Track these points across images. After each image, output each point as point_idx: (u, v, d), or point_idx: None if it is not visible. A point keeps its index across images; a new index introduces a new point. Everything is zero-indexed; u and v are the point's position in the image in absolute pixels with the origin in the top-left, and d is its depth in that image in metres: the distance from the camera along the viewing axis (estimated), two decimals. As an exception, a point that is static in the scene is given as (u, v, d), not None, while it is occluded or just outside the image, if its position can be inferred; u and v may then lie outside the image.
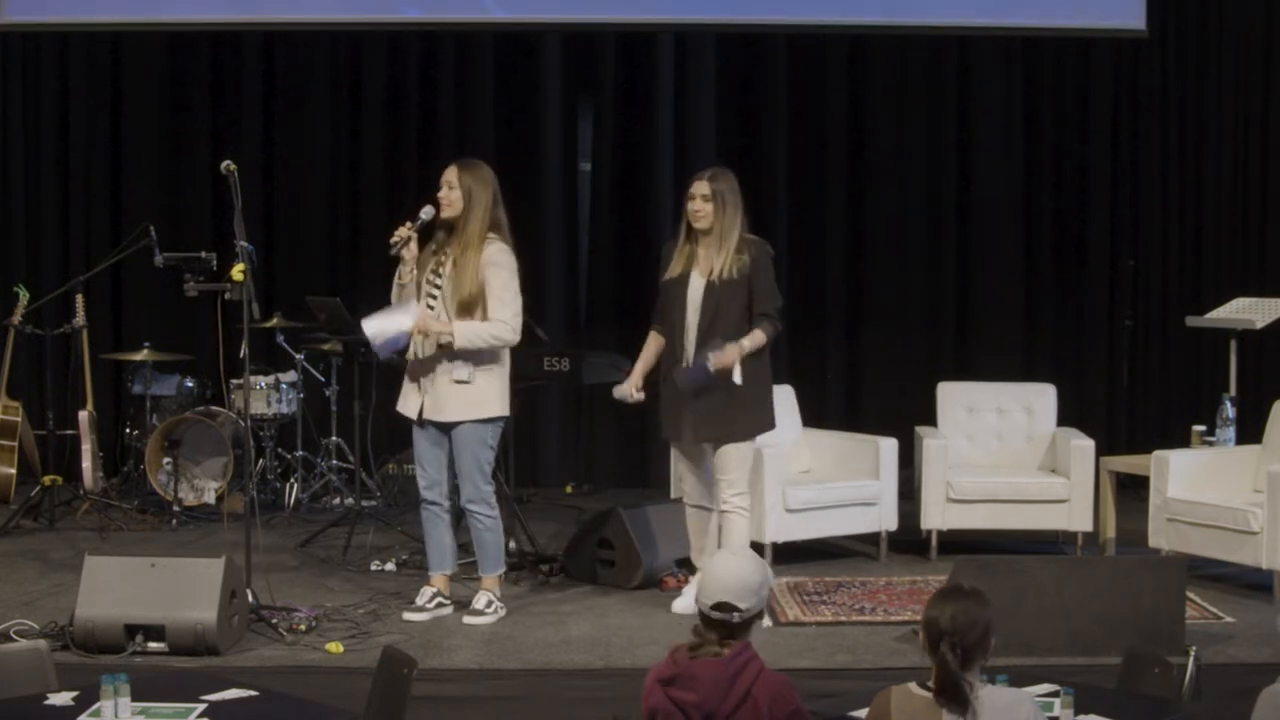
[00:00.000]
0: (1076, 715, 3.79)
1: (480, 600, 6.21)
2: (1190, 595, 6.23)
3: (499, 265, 6.03)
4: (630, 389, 6.35)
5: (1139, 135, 9.55)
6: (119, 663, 5.38)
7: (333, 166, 9.54)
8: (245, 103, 9.47)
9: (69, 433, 8.38)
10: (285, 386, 8.40)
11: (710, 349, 5.98)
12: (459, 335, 5.99)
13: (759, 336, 6.07)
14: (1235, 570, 6.79)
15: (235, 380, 7.57)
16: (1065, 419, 7.96)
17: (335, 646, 5.70)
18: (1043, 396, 7.92)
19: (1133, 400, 9.51)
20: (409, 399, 6.18)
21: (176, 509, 8.08)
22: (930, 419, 7.93)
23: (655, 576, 6.76)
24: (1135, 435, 9.31)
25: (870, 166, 9.59)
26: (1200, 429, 7.60)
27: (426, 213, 6.05)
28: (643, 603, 6.52)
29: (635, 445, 9.43)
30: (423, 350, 6.09)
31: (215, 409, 8.44)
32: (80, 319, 8.20)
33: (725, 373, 5.98)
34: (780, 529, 7.15)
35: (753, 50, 9.54)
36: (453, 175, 6.05)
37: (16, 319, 8.20)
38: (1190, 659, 4.37)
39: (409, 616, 6.15)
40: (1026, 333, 9.63)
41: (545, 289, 9.27)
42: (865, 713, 3.51)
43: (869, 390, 9.59)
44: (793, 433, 7.57)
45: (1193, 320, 8.48)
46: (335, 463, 8.61)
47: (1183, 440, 7.90)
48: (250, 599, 5.96)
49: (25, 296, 8.24)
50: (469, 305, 6.01)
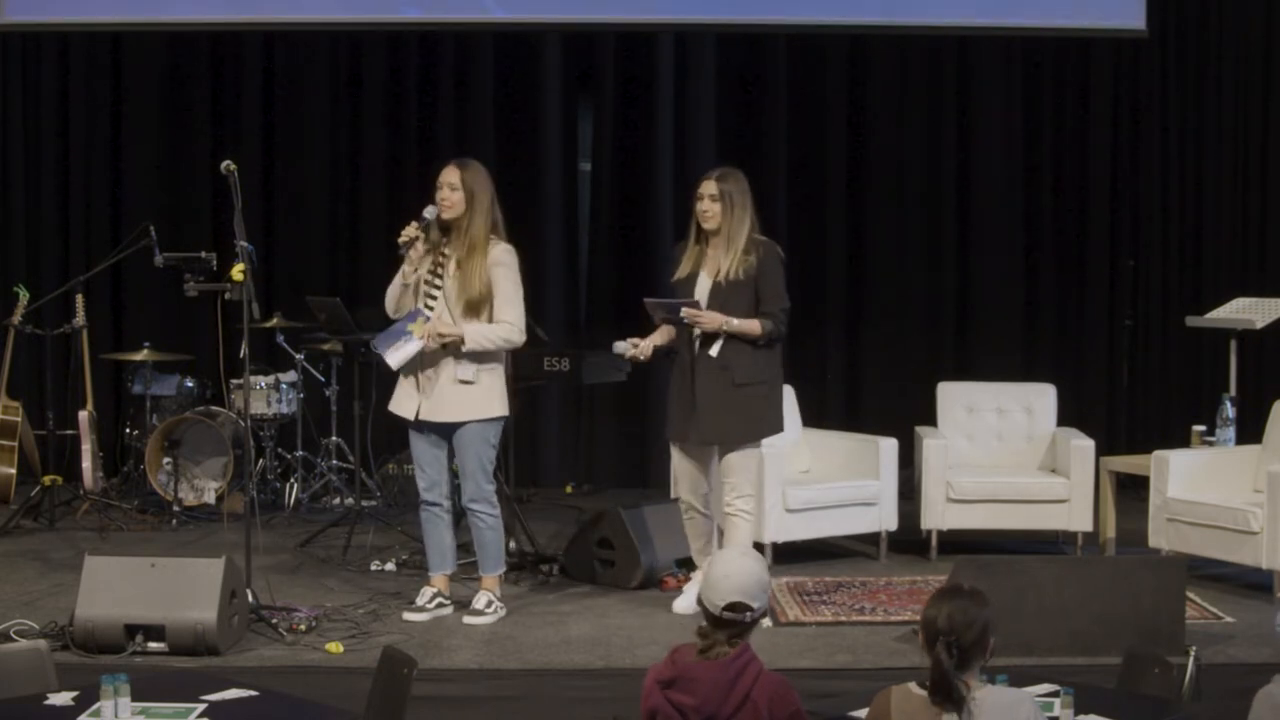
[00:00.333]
0: (1076, 715, 3.79)
1: (480, 600, 6.21)
2: (1190, 595, 6.22)
3: (506, 266, 6.05)
4: (630, 345, 6.23)
5: (1139, 135, 9.55)
6: (119, 663, 5.38)
7: (333, 166, 9.53)
8: (245, 103, 9.47)
9: (69, 433, 8.38)
10: (285, 386, 8.40)
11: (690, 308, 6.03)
12: (469, 337, 5.99)
13: (753, 324, 6.04)
14: (1235, 570, 6.79)
15: (235, 380, 7.57)
16: (1065, 419, 7.96)
17: (335, 646, 5.69)
18: (1043, 396, 7.92)
19: (1133, 400, 9.51)
20: (405, 400, 6.15)
21: (176, 509, 8.08)
22: (930, 419, 7.93)
23: (655, 576, 6.76)
24: (1135, 435, 9.31)
25: (870, 166, 9.59)
26: (1200, 429, 7.60)
27: (430, 212, 6.04)
28: (643, 603, 6.52)
29: (635, 445, 9.44)
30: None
31: (215, 409, 8.44)
32: (80, 319, 8.20)
33: (697, 324, 6.01)
34: (780, 529, 7.15)
35: (753, 50, 9.53)
36: (454, 176, 6.04)
37: (16, 319, 8.19)
38: (1190, 659, 4.37)
39: (409, 616, 6.15)
40: (1026, 333, 9.63)
41: (545, 289, 9.27)
42: (865, 713, 3.51)
43: (869, 390, 9.58)
44: (793, 433, 7.55)
45: (1193, 320, 8.48)
46: (335, 463, 8.61)
47: (1183, 440, 7.90)
48: (250, 599, 5.96)
49: (25, 296, 8.23)
50: (476, 305, 6.01)
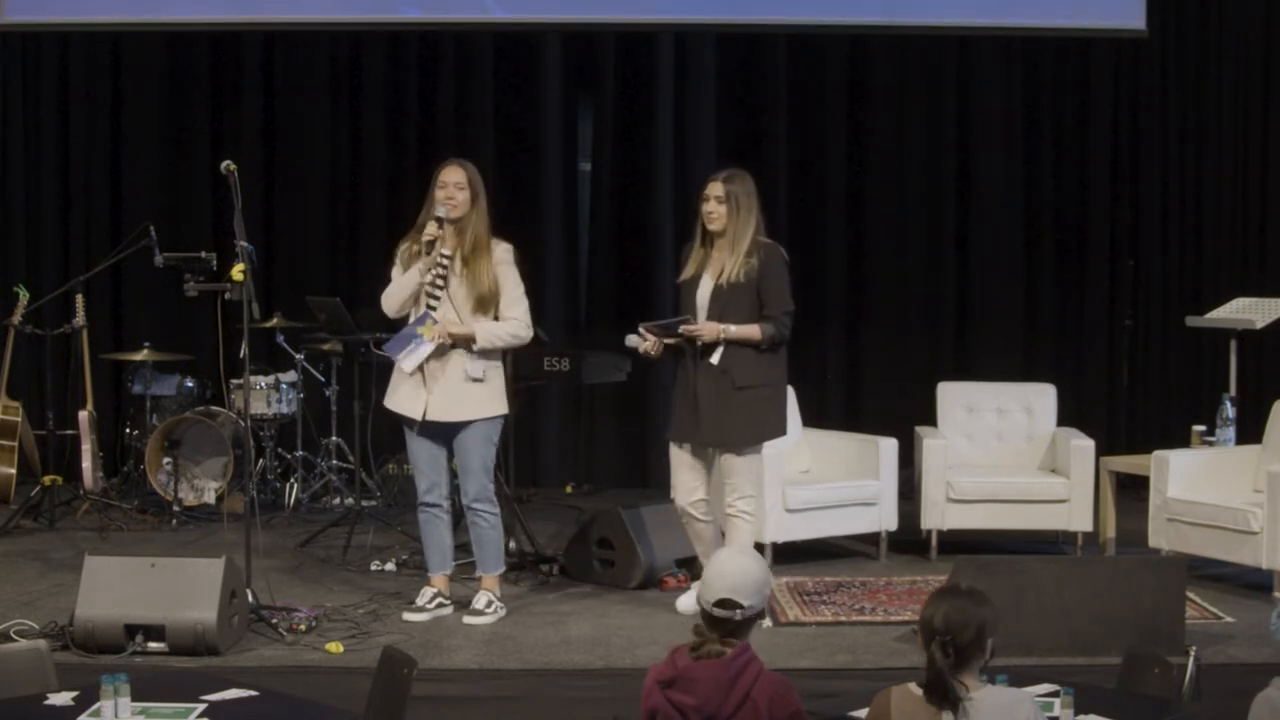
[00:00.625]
0: (1076, 715, 3.79)
1: (480, 600, 6.21)
2: (1190, 595, 6.22)
3: (510, 264, 6.11)
4: (640, 339, 6.13)
5: (1139, 135, 9.54)
6: (119, 663, 5.38)
7: (333, 166, 9.53)
8: (245, 103, 9.47)
9: (69, 433, 8.38)
10: (285, 386, 8.40)
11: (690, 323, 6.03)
12: (481, 336, 6.02)
13: (753, 329, 6.03)
14: (1235, 570, 6.79)
15: (235, 380, 7.57)
16: (1065, 419, 7.96)
17: (335, 646, 5.69)
18: (1043, 396, 7.92)
19: (1133, 400, 9.51)
20: (411, 398, 6.11)
21: (176, 509, 8.08)
22: (930, 419, 7.92)
23: (655, 576, 6.76)
24: (1135, 435, 9.31)
25: (870, 166, 9.58)
26: (1200, 429, 7.60)
27: (443, 212, 6.03)
28: (643, 603, 6.52)
29: (635, 445, 9.44)
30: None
31: (215, 409, 8.44)
32: (80, 319, 8.20)
33: (697, 337, 5.99)
34: (780, 529, 7.15)
35: (753, 50, 9.53)
36: (460, 175, 6.05)
37: (16, 319, 8.19)
38: (1190, 659, 4.37)
39: (409, 617, 6.15)
40: (1026, 333, 9.62)
41: (545, 289, 9.27)
42: (865, 713, 3.51)
43: (869, 390, 9.58)
44: (793, 433, 7.55)
45: (1193, 320, 8.48)
46: (335, 463, 8.61)
47: (1183, 440, 7.90)
48: (250, 599, 5.96)
49: (25, 296, 8.23)
50: (486, 303, 6.04)
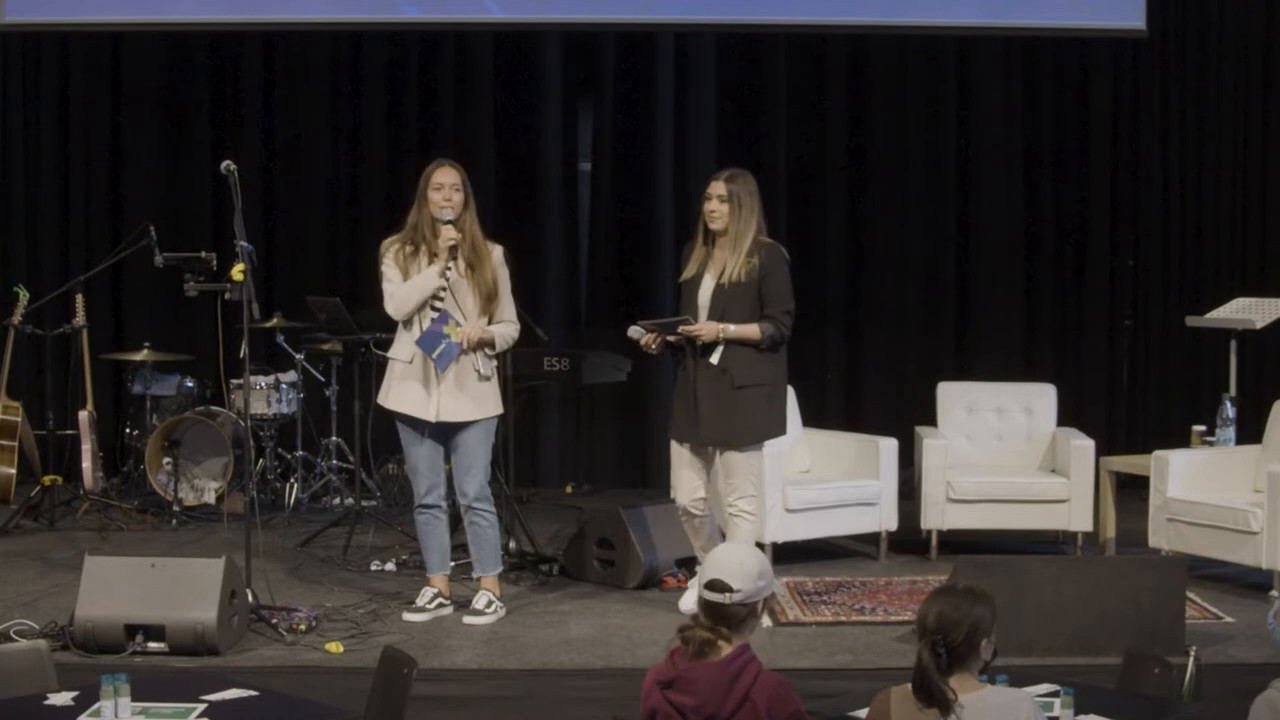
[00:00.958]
0: (1076, 715, 3.79)
1: (480, 600, 6.21)
2: (1190, 595, 6.23)
3: (504, 266, 6.17)
4: (642, 330, 6.10)
5: (1139, 135, 9.55)
6: (119, 663, 5.39)
7: (333, 166, 9.53)
8: (245, 103, 9.47)
9: (69, 433, 8.38)
10: (285, 386, 8.40)
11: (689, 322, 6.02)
12: (499, 338, 6.11)
13: (752, 329, 6.02)
14: (1235, 570, 6.79)
15: (235, 380, 7.57)
16: (1065, 419, 7.96)
17: (335, 646, 5.70)
18: (1043, 396, 7.92)
19: (1133, 400, 9.51)
20: (421, 400, 6.07)
21: (176, 509, 8.08)
22: (930, 419, 7.93)
23: (655, 576, 6.77)
24: (1135, 435, 9.32)
25: (870, 166, 9.58)
26: (1200, 429, 7.60)
27: (448, 214, 6.02)
28: (643, 603, 6.52)
29: (635, 445, 9.44)
30: None
31: (215, 409, 8.44)
32: (80, 319, 8.20)
33: (696, 336, 5.98)
34: (780, 529, 7.15)
35: (753, 50, 9.53)
36: (455, 176, 6.05)
37: (16, 319, 8.19)
38: (1190, 659, 4.37)
39: (409, 617, 6.15)
40: (1026, 333, 9.62)
41: (545, 289, 9.28)
42: (865, 713, 3.51)
43: (869, 390, 9.58)
44: (793, 432, 7.55)
45: (1193, 320, 8.47)
46: (335, 463, 8.62)
47: (1183, 440, 7.89)
48: (250, 599, 5.96)
49: (25, 296, 8.23)
50: (489, 303, 6.09)
